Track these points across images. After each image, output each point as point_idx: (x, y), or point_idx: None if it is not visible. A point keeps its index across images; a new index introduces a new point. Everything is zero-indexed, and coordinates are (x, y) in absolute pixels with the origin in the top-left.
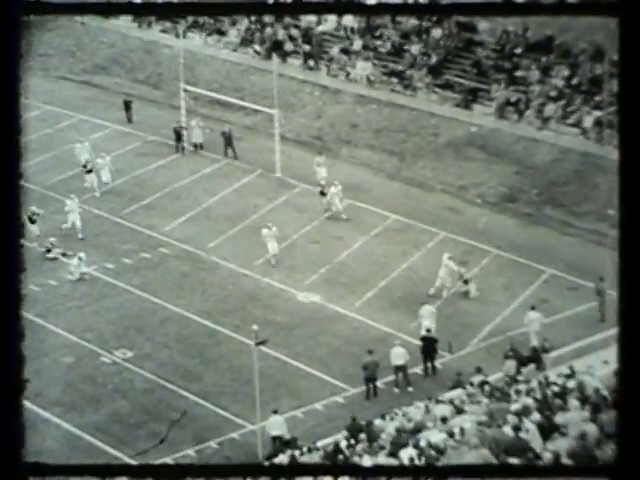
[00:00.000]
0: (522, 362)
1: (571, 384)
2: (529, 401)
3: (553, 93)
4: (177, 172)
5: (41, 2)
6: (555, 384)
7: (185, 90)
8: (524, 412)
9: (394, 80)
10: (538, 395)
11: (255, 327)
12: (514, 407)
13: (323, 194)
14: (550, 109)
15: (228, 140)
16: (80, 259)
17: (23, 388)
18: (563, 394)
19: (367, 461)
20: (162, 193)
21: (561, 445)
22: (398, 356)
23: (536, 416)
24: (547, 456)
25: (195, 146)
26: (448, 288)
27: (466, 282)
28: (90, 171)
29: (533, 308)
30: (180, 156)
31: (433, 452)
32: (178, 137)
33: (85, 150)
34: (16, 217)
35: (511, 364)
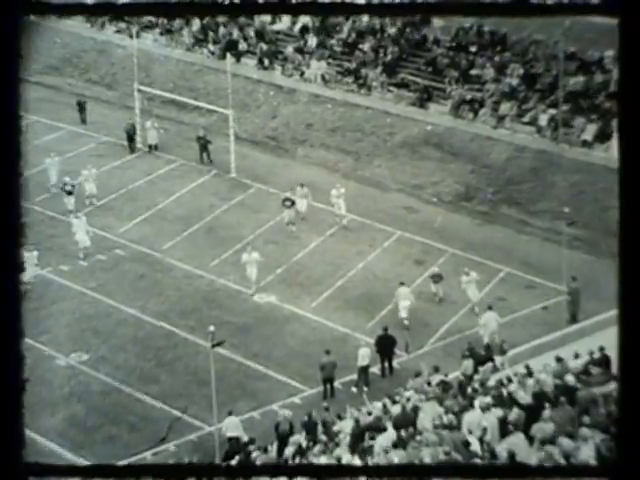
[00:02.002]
0: (479, 361)
1: (530, 382)
2: (487, 399)
3: (508, 91)
4: (132, 173)
5: (41, 2)
6: (512, 382)
7: (139, 90)
8: (483, 410)
9: (349, 79)
10: (496, 393)
11: (212, 328)
12: (473, 405)
13: (291, 203)
14: (505, 107)
15: (204, 146)
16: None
17: (23, 388)
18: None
19: (324, 460)
20: (117, 194)
21: (514, 442)
22: (365, 356)
23: (496, 414)
24: (503, 455)
25: (150, 147)
26: (476, 303)
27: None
28: (70, 193)
29: (490, 308)
30: (135, 157)
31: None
32: (130, 137)
33: (54, 166)
34: (16, 217)
35: (469, 363)
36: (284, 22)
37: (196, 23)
